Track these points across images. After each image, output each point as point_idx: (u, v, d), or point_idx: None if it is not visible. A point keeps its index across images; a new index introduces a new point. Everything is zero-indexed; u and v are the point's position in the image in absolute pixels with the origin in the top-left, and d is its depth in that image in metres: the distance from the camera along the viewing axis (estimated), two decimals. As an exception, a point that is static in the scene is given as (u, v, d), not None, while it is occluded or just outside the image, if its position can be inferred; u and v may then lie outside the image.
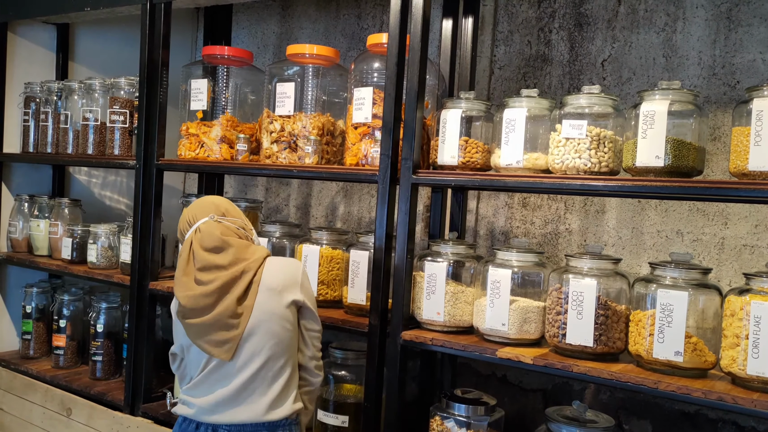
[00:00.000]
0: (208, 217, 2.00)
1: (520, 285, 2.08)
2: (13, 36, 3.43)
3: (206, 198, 2.13)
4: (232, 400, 1.89)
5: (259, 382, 1.90)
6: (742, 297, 1.74)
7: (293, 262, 2.03)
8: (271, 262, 1.98)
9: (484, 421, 2.17)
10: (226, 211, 2.04)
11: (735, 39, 2.27)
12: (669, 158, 1.82)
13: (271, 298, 1.91)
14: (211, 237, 1.94)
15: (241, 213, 2.12)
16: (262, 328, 1.89)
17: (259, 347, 1.89)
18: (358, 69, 2.43)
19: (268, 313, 1.90)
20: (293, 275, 1.97)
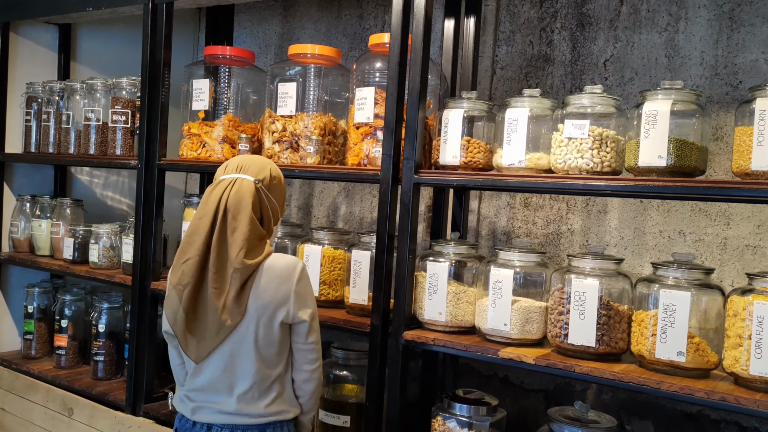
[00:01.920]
0: (253, 179, 1.91)
1: (522, 285, 2.08)
2: (16, 36, 3.43)
3: (264, 157, 2.04)
4: (216, 399, 1.88)
5: (244, 383, 1.86)
6: (744, 297, 1.74)
7: (289, 270, 1.88)
8: (267, 269, 1.85)
9: (486, 422, 2.16)
10: (272, 187, 1.94)
11: (737, 39, 2.27)
12: (671, 158, 1.82)
13: (260, 313, 1.84)
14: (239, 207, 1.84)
15: (283, 192, 2.01)
16: (248, 337, 1.84)
17: (243, 352, 1.85)
18: (359, 69, 2.43)
19: (254, 324, 1.84)
20: (286, 291, 1.85)
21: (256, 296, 1.84)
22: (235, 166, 1.94)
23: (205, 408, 1.89)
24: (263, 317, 1.85)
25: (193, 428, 1.91)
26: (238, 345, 1.84)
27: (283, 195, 2.01)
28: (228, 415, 1.87)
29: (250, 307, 1.84)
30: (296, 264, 1.91)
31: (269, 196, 1.93)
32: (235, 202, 1.86)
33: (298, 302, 1.87)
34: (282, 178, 2.01)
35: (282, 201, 2.01)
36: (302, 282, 1.90)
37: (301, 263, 1.93)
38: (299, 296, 1.87)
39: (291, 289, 1.86)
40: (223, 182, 1.91)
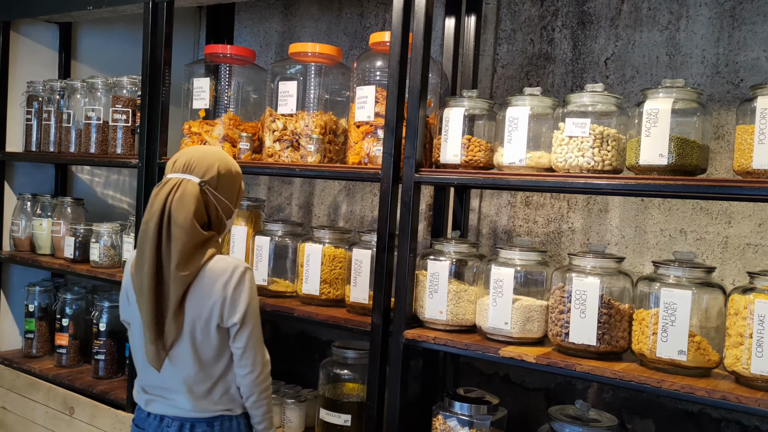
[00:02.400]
0: (198, 180, 1.91)
1: (523, 284, 2.08)
2: (16, 35, 3.43)
3: (216, 150, 2.01)
4: (166, 394, 1.93)
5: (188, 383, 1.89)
6: (746, 296, 1.73)
7: (225, 274, 1.88)
8: (207, 272, 1.86)
9: (486, 421, 2.16)
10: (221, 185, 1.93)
11: (739, 37, 2.26)
12: (673, 157, 1.81)
13: (196, 315, 1.86)
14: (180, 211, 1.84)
15: (236, 187, 1.99)
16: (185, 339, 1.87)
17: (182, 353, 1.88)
18: (360, 67, 2.43)
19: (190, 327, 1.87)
20: (220, 295, 1.86)
21: (193, 299, 1.86)
22: (183, 164, 1.93)
23: (156, 401, 1.96)
24: (199, 320, 1.87)
25: (147, 419, 1.97)
26: (178, 347, 1.88)
27: (236, 188, 2.00)
28: (177, 409, 1.92)
29: (187, 309, 1.86)
30: (234, 268, 1.89)
31: (217, 196, 1.93)
32: (177, 208, 1.86)
33: (230, 307, 1.87)
34: (234, 171, 1.99)
35: (235, 195, 2.00)
36: (239, 287, 1.89)
37: (241, 267, 1.90)
38: (232, 301, 1.87)
39: (224, 294, 1.87)
40: (168, 183, 1.91)
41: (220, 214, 1.95)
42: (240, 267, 1.91)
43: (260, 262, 2.60)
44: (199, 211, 1.89)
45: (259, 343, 1.95)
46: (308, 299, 2.50)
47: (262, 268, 2.59)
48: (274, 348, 3.34)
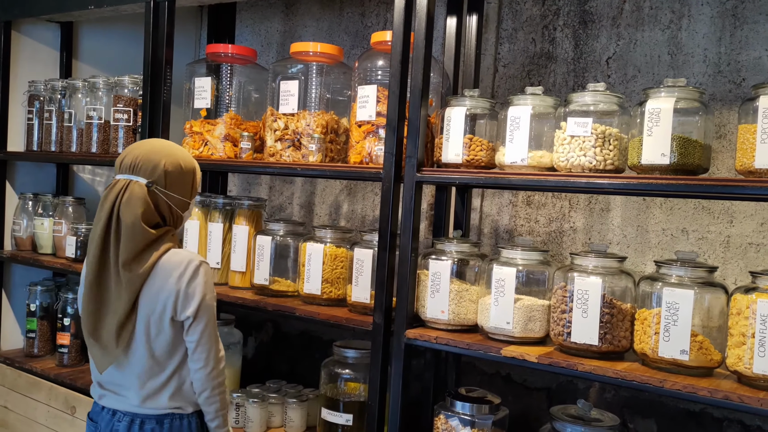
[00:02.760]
0: (146, 182, 1.90)
1: (525, 283, 2.08)
2: (18, 34, 3.43)
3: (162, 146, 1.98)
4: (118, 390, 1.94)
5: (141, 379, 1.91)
6: (748, 295, 1.73)
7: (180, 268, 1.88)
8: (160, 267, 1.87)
9: (488, 420, 2.16)
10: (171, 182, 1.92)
11: (741, 36, 2.26)
12: (675, 156, 1.81)
13: (150, 310, 1.87)
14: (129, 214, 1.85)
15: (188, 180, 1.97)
16: (139, 334, 1.88)
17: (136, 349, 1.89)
18: (362, 67, 2.43)
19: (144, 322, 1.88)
20: (173, 288, 1.86)
21: (146, 294, 1.87)
22: (129, 164, 1.92)
23: (108, 395, 1.97)
24: (153, 314, 1.87)
25: (101, 413, 1.98)
26: (131, 343, 1.89)
27: (188, 182, 1.98)
28: (128, 405, 1.94)
29: (141, 304, 1.87)
30: (188, 262, 1.90)
31: (168, 194, 1.92)
32: (125, 212, 1.87)
33: (183, 300, 1.87)
34: (184, 165, 1.96)
35: (189, 188, 1.99)
36: (193, 280, 1.89)
37: (195, 261, 1.91)
38: (185, 294, 1.88)
39: (178, 287, 1.87)
40: (116, 186, 1.91)
41: (174, 210, 1.96)
42: (194, 260, 1.91)
43: (261, 261, 2.59)
44: (148, 213, 1.89)
45: (213, 337, 1.94)
46: (310, 299, 2.50)
47: (264, 268, 2.59)
48: (275, 347, 3.35)
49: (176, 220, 1.99)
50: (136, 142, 2.02)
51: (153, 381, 1.91)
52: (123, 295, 1.85)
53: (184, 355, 1.93)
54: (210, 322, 1.92)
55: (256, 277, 2.61)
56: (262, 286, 2.60)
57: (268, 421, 2.69)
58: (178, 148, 2.02)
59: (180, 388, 1.93)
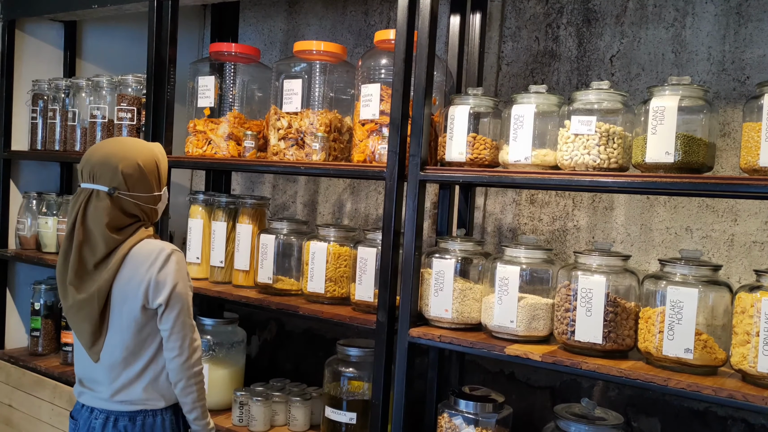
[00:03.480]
0: (108, 189, 1.90)
1: (529, 282, 2.08)
2: (22, 34, 3.44)
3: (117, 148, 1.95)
4: (94, 386, 1.97)
5: (115, 371, 1.93)
6: (752, 294, 1.73)
7: (150, 257, 1.91)
8: (131, 257, 1.90)
9: (492, 419, 2.16)
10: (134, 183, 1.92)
11: (745, 34, 2.26)
12: (679, 154, 1.81)
13: (122, 300, 1.90)
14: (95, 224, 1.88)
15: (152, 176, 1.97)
16: (113, 326, 1.91)
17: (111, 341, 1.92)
18: (365, 65, 2.43)
19: (117, 312, 1.90)
20: (144, 277, 1.89)
21: (118, 284, 1.89)
22: (88, 173, 1.93)
23: (86, 393, 2.00)
24: (125, 304, 1.89)
25: (81, 410, 2.01)
26: (106, 334, 1.92)
27: (153, 178, 1.97)
28: (103, 401, 1.96)
29: (114, 294, 1.89)
30: (160, 250, 1.92)
31: (133, 195, 1.93)
32: (91, 220, 1.90)
33: (155, 287, 1.89)
34: (143, 164, 1.95)
35: (155, 182, 1.98)
36: (164, 268, 1.90)
37: (167, 249, 1.93)
38: (156, 281, 1.89)
39: (149, 275, 1.89)
40: (81, 196, 1.93)
41: (144, 207, 1.97)
42: (166, 249, 1.93)
43: (265, 260, 2.60)
44: (115, 219, 1.91)
45: (187, 326, 1.94)
46: (313, 297, 2.50)
47: (267, 266, 2.59)
48: (279, 346, 3.35)
49: (149, 214, 2.00)
50: (93, 146, 2.01)
51: (127, 371, 1.93)
52: (94, 293, 1.88)
53: (159, 345, 1.95)
54: (183, 310, 1.93)
55: (260, 276, 2.62)
56: (265, 284, 2.61)
57: (272, 419, 2.69)
58: (133, 146, 1.99)
59: (156, 379, 1.95)
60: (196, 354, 1.96)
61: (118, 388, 1.94)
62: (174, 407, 2.00)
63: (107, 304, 1.90)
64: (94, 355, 1.93)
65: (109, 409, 1.95)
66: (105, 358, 1.93)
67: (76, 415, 2.02)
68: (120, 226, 1.93)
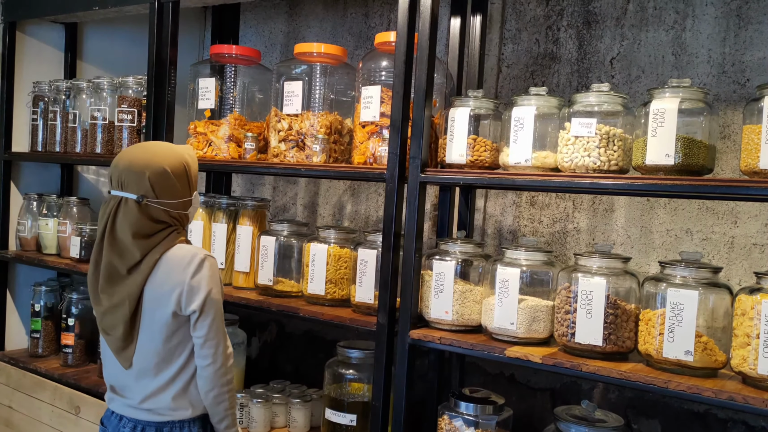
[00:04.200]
0: (136, 197, 1.85)
1: (529, 284, 2.08)
2: (22, 35, 3.44)
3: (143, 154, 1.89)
4: (123, 392, 1.94)
5: (146, 378, 1.89)
6: (753, 296, 1.73)
7: (183, 262, 1.86)
8: (164, 262, 1.85)
9: (492, 421, 2.16)
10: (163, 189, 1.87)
11: (745, 37, 2.26)
12: (679, 156, 1.81)
13: (154, 306, 1.86)
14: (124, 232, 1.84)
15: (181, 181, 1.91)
16: (144, 332, 1.87)
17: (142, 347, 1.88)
18: (366, 67, 2.43)
19: (149, 318, 1.87)
20: (177, 283, 1.84)
21: (150, 290, 1.85)
22: (117, 180, 1.89)
23: (117, 399, 1.96)
24: (157, 311, 1.85)
25: (110, 417, 1.98)
26: (137, 341, 1.88)
27: (181, 180, 1.92)
28: (132, 409, 1.92)
29: (145, 300, 1.85)
30: (193, 256, 1.87)
31: (161, 202, 1.88)
32: (120, 229, 1.86)
33: (188, 294, 1.84)
34: (172, 165, 1.89)
35: (183, 187, 1.92)
36: (197, 274, 1.85)
37: (200, 255, 1.87)
38: (190, 288, 1.84)
39: (182, 281, 1.84)
40: (110, 204, 1.89)
41: (173, 213, 1.91)
42: (199, 254, 1.87)
43: (265, 261, 2.60)
44: (144, 227, 1.86)
45: (221, 333, 1.90)
46: (314, 299, 2.50)
47: (268, 268, 2.59)
48: (279, 348, 3.35)
49: (179, 220, 1.95)
50: (122, 151, 1.97)
51: (158, 378, 1.88)
52: (125, 298, 1.85)
53: (190, 353, 1.90)
54: (217, 316, 1.89)
55: (260, 278, 2.62)
56: (266, 286, 2.61)
57: (272, 421, 2.69)
58: (161, 150, 1.94)
59: (186, 387, 1.90)
60: (228, 361, 1.91)
61: (148, 395, 1.89)
62: (202, 418, 1.94)
63: (138, 310, 1.86)
64: (125, 362, 1.89)
65: (137, 418, 1.91)
66: (136, 365, 1.89)
67: (106, 422, 1.98)
68: (149, 233, 1.87)
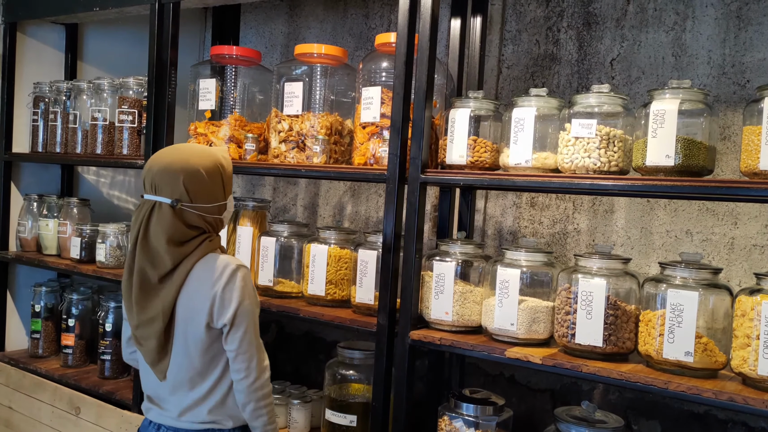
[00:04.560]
0: (170, 202, 1.80)
1: (529, 285, 2.08)
2: (23, 36, 3.44)
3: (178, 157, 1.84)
4: (160, 402, 1.92)
5: (181, 390, 1.87)
6: (753, 297, 1.73)
7: (215, 273, 1.81)
8: (197, 272, 1.81)
9: (492, 421, 2.16)
10: (197, 193, 1.82)
11: (745, 38, 2.26)
12: (679, 157, 1.81)
13: (188, 318, 1.82)
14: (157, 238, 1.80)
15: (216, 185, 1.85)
16: (178, 344, 1.84)
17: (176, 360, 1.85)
18: (366, 68, 2.43)
19: (182, 330, 1.83)
20: (209, 294, 1.80)
21: (182, 300, 1.82)
22: (150, 185, 1.84)
23: (154, 409, 1.93)
24: (191, 322, 1.82)
25: (148, 426, 1.94)
26: (171, 353, 1.85)
27: (216, 183, 1.87)
28: (171, 419, 1.89)
29: (178, 311, 1.82)
30: (225, 266, 1.82)
31: (196, 206, 1.83)
32: (154, 234, 1.81)
33: (219, 306, 1.79)
34: (206, 168, 1.85)
35: (218, 190, 1.87)
36: (229, 285, 1.80)
37: (232, 265, 1.82)
38: (221, 300, 1.79)
39: (214, 293, 1.79)
40: (143, 208, 1.84)
41: (208, 218, 1.87)
42: (231, 265, 1.82)
43: (266, 262, 2.60)
44: (178, 233, 1.82)
45: (253, 345, 1.84)
46: (314, 300, 2.50)
47: (268, 269, 2.59)
48: (279, 348, 3.35)
49: (214, 225, 1.90)
50: (155, 154, 1.92)
51: (193, 392, 1.85)
52: (159, 312, 1.81)
53: (225, 366, 1.86)
54: (249, 329, 1.82)
55: (261, 278, 2.62)
56: (266, 287, 2.61)
57: (272, 422, 2.69)
58: (195, 152, 1.89)
59: (223, 401, 1.86)
60: (264, 375, 1.85)
61: (185, 409, 1.86)
62: (244, 427, 1.91)
63: (171, 323, 1.82)
64: (160, 374, 1.86)
65: (176, 427, 1.87)
66: (171, 377, 1.85)
67: (148, 426, 1.94)
68: (183, 239, 1.82)
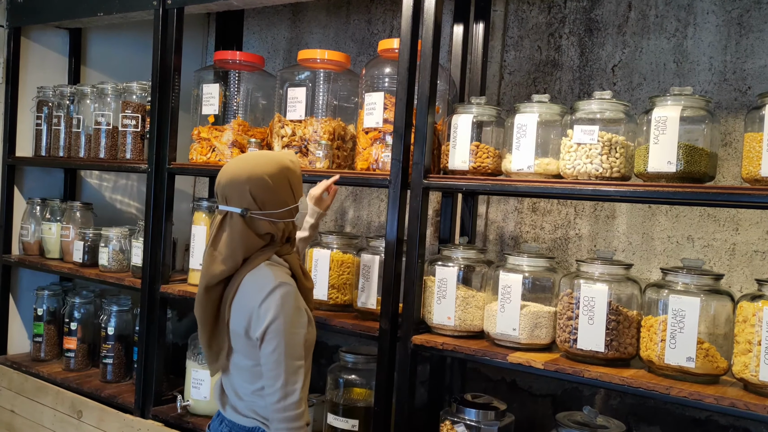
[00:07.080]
0: (240, 211, 1.83)
1: (531, 290, 2.08)
2: (27, 41, 3.46)
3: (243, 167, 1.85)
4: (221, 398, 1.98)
5: (230, 393, 1.93)
6: (754, 303, 1.74)
7: (256, 288, 1.81)
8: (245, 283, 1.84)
9: (494, 426, 2.17)
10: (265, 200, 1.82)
11: (746, 45, 2.27)
12: (681, 164, 1.82)
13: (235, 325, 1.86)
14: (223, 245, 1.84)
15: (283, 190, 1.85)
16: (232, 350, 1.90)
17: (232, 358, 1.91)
18: (369, 74, 2.44)
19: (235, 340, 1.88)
20: (249, 307, 1.81)
21: (234, 311, 1.85)
22: (221, 194, 1.87)
23: (219, 401, 2.01)
24: (237, 329, 1.85)
25: (217, 416, 2.01)
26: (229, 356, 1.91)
27: (284, 188, 1.86)
28: (228, 413, 1.95)
29: (232, 320, 1.86)
30: (266, 282, 1.81)
31: (266, 213, 1.84)
32: (224, 244, 1.84)
33: (255, 319, 1.80)
34: (272, 174, 1.84)
35: (286, 194, 1.86)
36: (266, 300, 1.79)
37: (273, 282, 1.80)
38: (258, 313, 1.79)
39: (253, 305, 1.80)
40: (216, 219, 1.88)
41: (279, 224, 1.86)
42: (273, 281, 1.80)
43: (268, 267, 2.60)
44: (248, 240, 1.83)
45: (282, 366, 1.78)
46: (316, 304, 2.50)
47: (271, 273, 2.60)
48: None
49: (284, 230, 1.89)
50: (225, 165, 1.92)
51: (242, 394, 1.90)
52: (204, 319, 1.88)
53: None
54: (279, 348, 1.77)
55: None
56: (268, 291, 2.61)
57: (273, 426, 2.69)
58: (261, 160, 1.87)
59: (266, 407, 1.86)
60: (288, 398, 1.78)
61: (238, 407, 1.91)
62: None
63: (220, 329, 1.88)
64: (212, 371, 1.96)
65: (233, 422, 1.91)
66: (224, 380, 1.94)
67: (215, 418, 2.01)
68: (254, 248, 1.85)
